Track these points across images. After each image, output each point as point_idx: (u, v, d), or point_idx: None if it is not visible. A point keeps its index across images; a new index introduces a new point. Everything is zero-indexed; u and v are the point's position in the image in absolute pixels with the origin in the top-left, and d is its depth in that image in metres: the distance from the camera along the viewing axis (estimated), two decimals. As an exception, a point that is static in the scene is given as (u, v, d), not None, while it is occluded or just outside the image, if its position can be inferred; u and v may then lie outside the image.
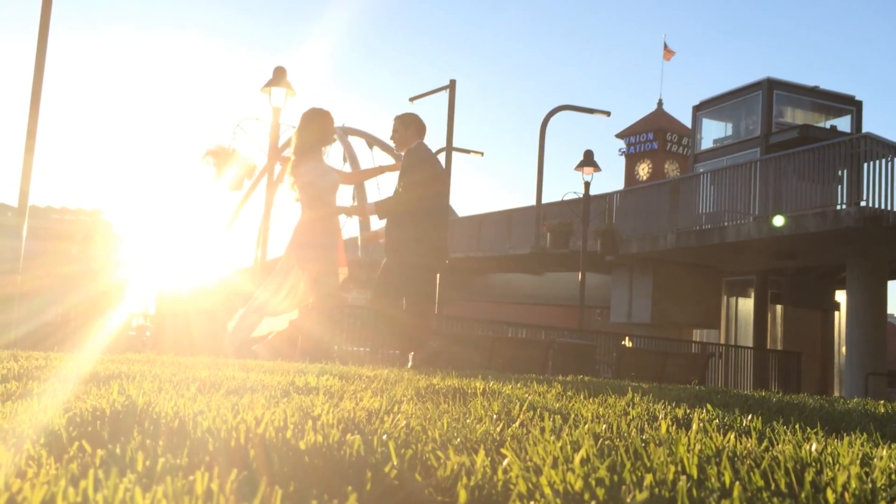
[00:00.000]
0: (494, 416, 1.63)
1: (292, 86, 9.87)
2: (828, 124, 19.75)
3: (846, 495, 0.92)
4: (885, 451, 1.27)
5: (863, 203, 11.56)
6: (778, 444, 1.33)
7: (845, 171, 12.13)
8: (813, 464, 1.11)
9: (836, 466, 1.09)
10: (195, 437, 1.13)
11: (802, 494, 0.93)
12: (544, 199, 17.90)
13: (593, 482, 0.94)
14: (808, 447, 1.23)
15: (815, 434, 1.54)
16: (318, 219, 4.50)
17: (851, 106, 20.11)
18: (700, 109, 20.77)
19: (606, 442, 1.27)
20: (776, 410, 2.20)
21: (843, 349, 14.77)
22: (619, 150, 31.43)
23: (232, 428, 1.17)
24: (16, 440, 1.10)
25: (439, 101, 14.54)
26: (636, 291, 16.56)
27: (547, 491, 0.92)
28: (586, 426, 1.49)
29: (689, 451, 1.13)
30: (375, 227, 4.81)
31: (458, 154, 18.79)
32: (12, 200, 8.84)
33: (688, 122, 23.70)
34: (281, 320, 4.47)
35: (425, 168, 4.68)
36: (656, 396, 2.40)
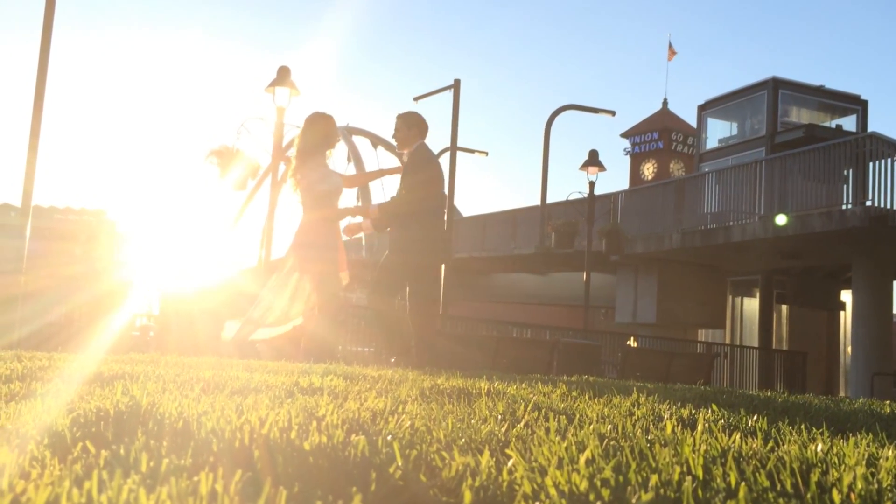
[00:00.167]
0: (499, 417, 1.63)
1: (296, 85, 9.88)
2: (833, 124, 19.69)
3: (852, 496, 0.92)
4: (890, 452, 1.26)
5: (868, 203, 11.52)
6: (783, 445, 1.33)
7: (851, 171, 12.09)
8: (818, 464, 1.10)
9: (842, 467, 1.08)
10: (199, 438, 1.13)
11: (808, 495, 0.92)
12: (549, 199, 17.89)
13: (598, 483, 0.94)
14: (813, 448, 1.23)
15: (821, 434, 1.53)
16: (321, 220, 4.51)
17: (857, 105, 20.05)
18: (705, 109, 20.73)
19: (611, 442, 1.26)
20: (781, 411, 2.19)
21: (849, 349, 14.71)
22: (624, 149, 31.39)
23: (236, 428, 1.17)
24: (20, 441, 1.10)
25: (444, 101, 14.59)
26: (641, 291, 16.53)
27: (552, 492, 0.92)
28: (591, 427, 1.49)
29: (694, 452, 1.12)
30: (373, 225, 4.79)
31: (463, 154, 18.79)
32: (16, 200, 8.83)
33: (693, 122, 23.64)
34: (284, 328, 4.46)
35: (428, 169, 4.71)
36: (661, 397, 2.39)
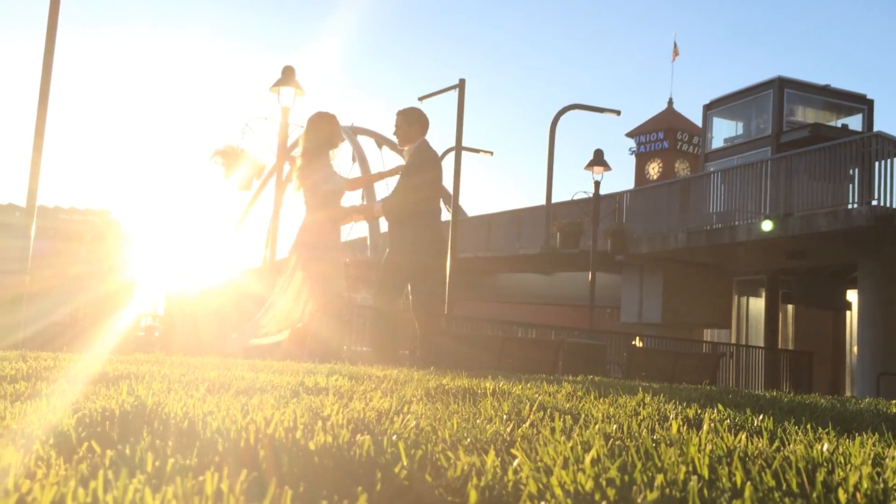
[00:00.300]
0: (504, 417, 1.63)
1: (301, 85, 9.87)
2: (839, 123, 19.62)
3: (858, 495, 0.92)
4: (898, 452, 1.25)
5: (874, 202, 11.47)
6: (789, 445, 1.32)
7: (856, 170, 12.04)
8: (824, 464, 1.10)
9: (848, 466, 1.08)
10: (205, 438, 1.13)
11: (814, 494, 0.92)
12: (554, 199, 17.87)
13: (604, 482, 0.94)
14: (819, 447, 1.22)
15: (827, 434, 1.53)
16: (324, 221, 4.53)
17: (863, 105, 19.97)
18: (711, 108, 20.67)
19: (617, 442, 1.26)
20: (787, 411, 2.18)
21: (855, 349, 14.65)
22: (630, 149, 31.34)
23: (242, 428, 1.17)
24: (25, 441, 1.11)
25: (448, 101, 14.56)
26: (647, 291, 16.50)
27: (557, 491, 0.92)
28: (597, 426, 1.49)
29: (700, 452, 1.12)
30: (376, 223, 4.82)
31: (468, 153, 18.74)
32: (20, 200, 8.77)
33: (698, 121, 23.59)
34: (278, 336, 4.46)
35: (432, 169, 4.73)
36: (667, 396, 2.38)
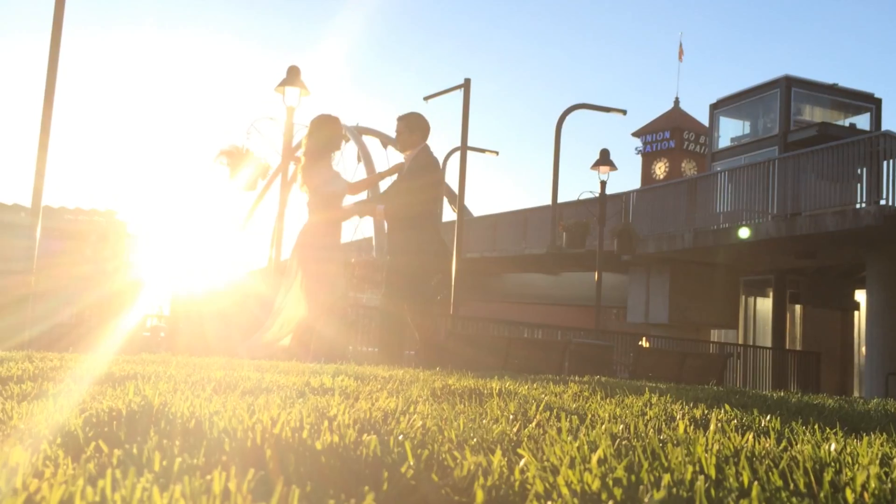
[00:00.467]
0: (511, 417, 1.63)
1: (306, 85, 9.87)
2: (847, 122, 19.53)
3: (865, 495, 0.91)
4: (907, 452, 1.25)
5: (882, 202, 11.41)
6: (797, 445, 1.32)
7: (864, 170, 11.98)
8: (832, 464, 1.09)
9: (856, 466, 1.07)
10: (211, 438, 1.14)
11: (821, 494, 0.92)
12: (560, 199, 17.80)
13: (611, 482, 0.94)
14: (826, 447, 1.22)
15: (835, 434, 1.52)
16: (326, 222, 4.58)
17: (871, 103, 19.87)
18: (717, 107, 20.61)
19: (624, 442, 1.26)
20: (795, 411, 2.17)
21: (864, 349, 14.57)
22: (636, 148, 31.27)
23: (248, 428, 1.18)
24: (32, 440, 1.11)
25: (454, 100, 14.58)
26: (653, 291, 16.46)
27: (564, 491, 0.92)
28: (603, 427, 1.48)
29: (707, 452, 1.12)
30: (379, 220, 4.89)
31: (473, 153, 18.73)
32: (26, 200, 8.74)
33: (705, 121, 23.51)
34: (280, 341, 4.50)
35: (435, 172, 4.83)
36: (674, 397, 2.38)
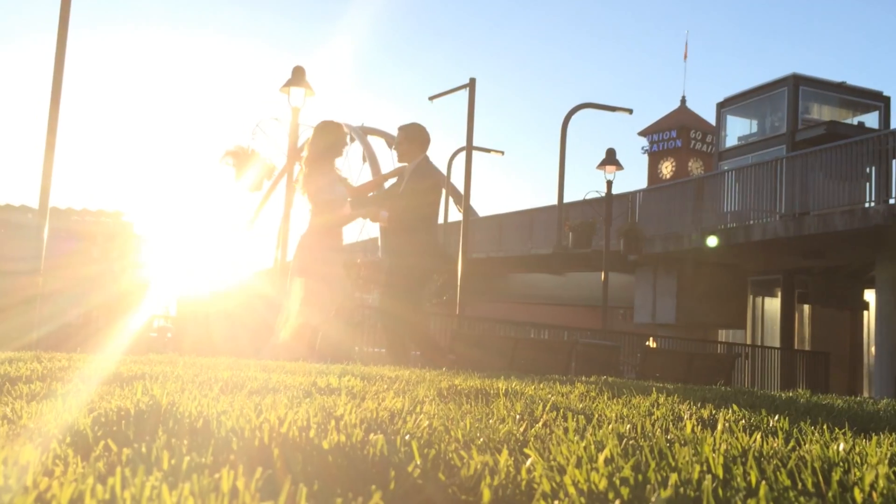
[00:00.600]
0: (517, 417, 1.63)
1: (311, 86, 9.89)
2: (855, 120, 19.43)
3: (874, 495, 0.91)
4: (916, 452, 1.24)
5: (891, 200, 11.35)
6: (805, 445, 1.31)
7: (873, 169, 11.92)
8: (840, 463, 1.09)
9: (864, 466, 1.07)
10: (219, 437, 1.14)
11: (830, 494, 0.91)
12: (566, 199, 17.78)
13: (617, 481, 0.93)
14: (835, 447, 1.21)
15: (843, 434, 1.51)
16: (330, 226, 4.61)
17: (879, 102, 19.76)
18: (724, 106, 20.54)
19: (631, 442, 1.26)
20: (804, 411, 2.16)
21: (873, 349, 14.48)
22: (642, 148, 31.19)
23: (255, 427, 1.18)
24: (42, 440, 1.12)
25: (459, 100, 14.57)
26: (660, 291, 16.41)
27: (571, 490, 0.92)
28: (610, 426, 1.48)
29: (714, 451, 1.11)
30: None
31: (479, 153, 18.75)
32: (33, 202, 8.76)
33: (712, 120, 23.44)
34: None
35: (436, 175, 4.93)
36: (681, 397, 2.37)
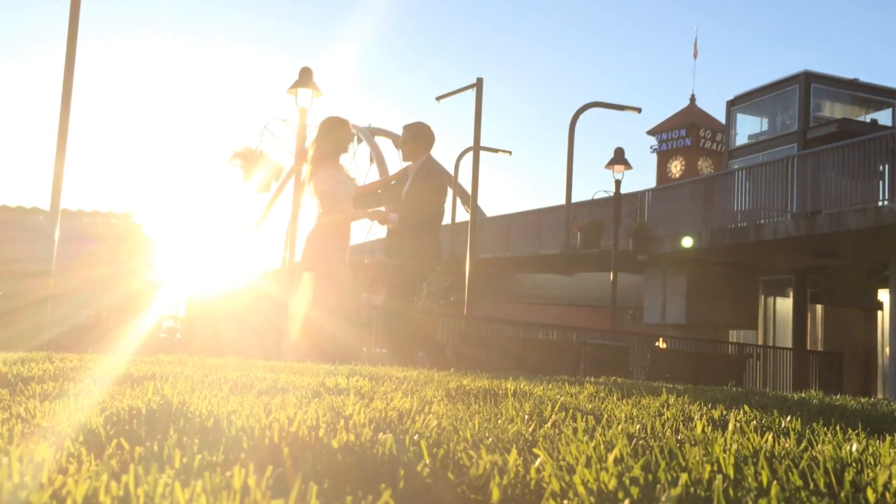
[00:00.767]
0: (526, 417, 1.63)
1: (318, 87, 9.88)
2: (868, 118, 19.28)
3: (887, 495, 0.90)
4: (930, 452, 1.23)
5: (905, 199, 11.26)
6: (817, 445, 1.30)
7: (886, 166, 11.82)
8: (853, 464, 1.08)
9: (878, 467, 1.06)
10: (230, 436, 1.15)
11: (842, 494, 0.91)
12: (574, 199, 17.75)
13: (627, 481, 0.93)
14: (848, 448, 1.20)
15: (857, 435, 1.50)
16: (337, 224, 4.62)
17: (892, 98, 19.58)
18: (734, 104, 20.42)
19: (640, 442, 1.25)
20: (816, 412, 2.15)
21: (887, 349, 14.36)
22: (651, 147, 31.09)
23: (265, 427, 1.19)
24: (56, 438, 1.13)
25: (466, 100, 14.55)
26: (670, 291, 16.34)
27: (580, 490, 0.92)
28: (620, 427, 1.48)
29: (725, 451, 1.11)
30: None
31: (486, 153, 18.73)
32: (44, 203, 8.82)
33: (721, 118, 23.32)
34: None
35: (441, 176, 4.92)
36: (692, 398, 2.36)
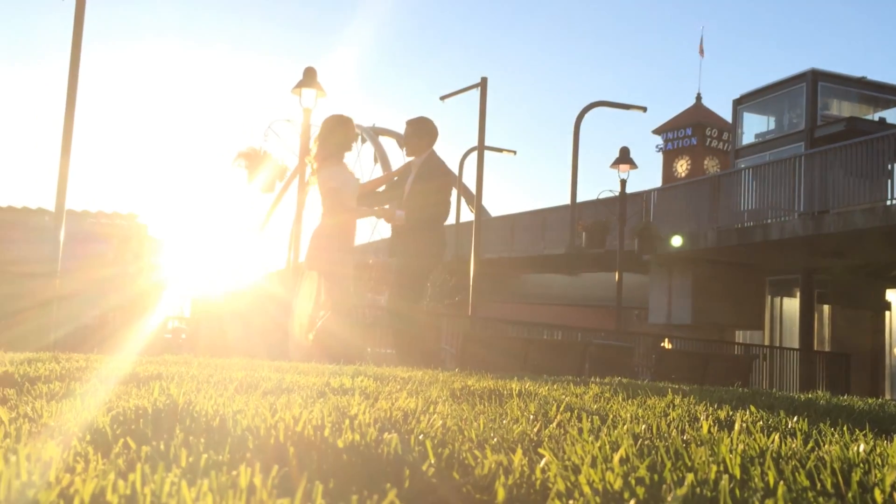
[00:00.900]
0: (531, 417, 1.62)
1: (322, 87, 9.88)
2: (876, 116, 19.16)
3: (895, 495, 0.90)
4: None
5: (913, 198, 11.20)
6: (824, 446, 1.30)
7: (895, 165, 11.76)
8: (861, 464, 1.08)
9: (885, 467, 1.05)
10: (235, 435, 1.15)
11: (849, 494, 0.90)
12: (579, 198, 17.69)
13: (633, 481, 0.93)
14: (855, 448, 1.20)
15: (864, 436, 1.49)
16: (342, 222, 4.62)
17: (900, 97, 19.45)
18: (741, 103, 20.33)
19: (646, 442, 1.25)
20: (823, 412, 2.14)
21: (895, 350, 14.29)
22: (657, 146, 30.96)
23: (271, 426, 1.19)
24: (63, 437, 1.14)
25: (470, 100, 14.55)
26: (675, 292, 16.29)
27: (586, 490, 0.92)
28: (625, 427, 1.48)
29: (731, 452, 1.11)
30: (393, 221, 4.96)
31: (491, 153, 18.70)
32: (49, 204, 8.85)
33: (728, 117, 23.21)
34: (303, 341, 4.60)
35: (447, 174, 4.93)
36: (697, 398, 2.35)
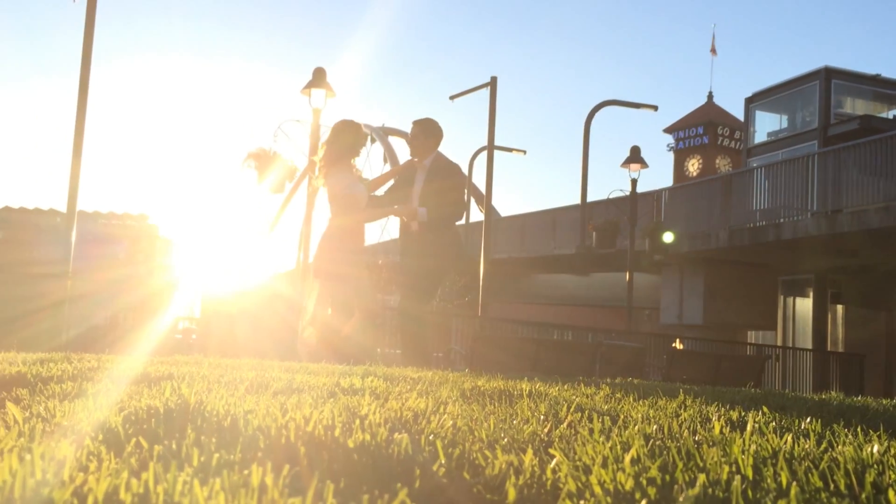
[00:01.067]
0: (541, 418, 1.62)
1: (332, 87, 9.90)
2: (891, 114, 19.01)
3: (911, 497, 0.89)
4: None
5: (928, 197, 11.09)
6: (838, 446, 1.29)
7: (909, 164, 11.66)
8: (874, 465, 1.07)
9: (901, 469, 1.04)
10: (246, 435, 1.16)
11: (863, 495, 0.90)
12: (590, 198, 17.63)
13: (644, 482, 0.93)
14: (869, 449, 1.19)
15: (878, 437, 1.48)
16: (352, 225, 4.65)
17: (915, 95, 19.28)
18: (753, 101, 20.22)
19: (657, 443, 1.25)
20: (836, 413, 2.12)
21: (910, 350, 14.15)
22: (668, 145, 30.86)
23: (282, 426, 1.20)
24: (76, 437, 1.15)
25: (480, 99, 14.53)
26: (687, 292, 16.21)
27: (597, 490, 0.91)
28: (636, 427, 1.47)
29: (743, 452, 1.10)
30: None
31: (501, 153, 18.68)
32: (61, 206, 8.92)
33: (740, 115, 23.08)
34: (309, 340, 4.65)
35: (459, 174, 4.95)
36: (709, 399, 2.34)
